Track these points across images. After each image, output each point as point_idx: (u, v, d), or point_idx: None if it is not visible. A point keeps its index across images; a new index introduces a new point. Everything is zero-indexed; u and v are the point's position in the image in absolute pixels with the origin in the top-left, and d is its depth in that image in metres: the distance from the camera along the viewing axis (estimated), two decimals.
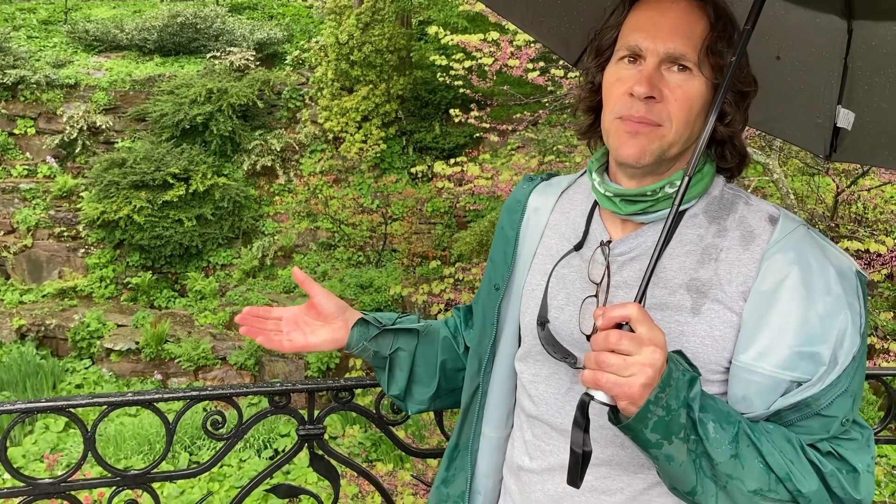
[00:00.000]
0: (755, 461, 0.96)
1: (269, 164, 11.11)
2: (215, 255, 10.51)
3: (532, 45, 5.58)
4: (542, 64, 5.66)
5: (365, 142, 11.24)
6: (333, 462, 1.66)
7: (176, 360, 8.62)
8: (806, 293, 1.01)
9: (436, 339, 1.43)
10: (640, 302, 0.97)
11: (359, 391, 4.35)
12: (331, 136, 11.47)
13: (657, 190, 1.09)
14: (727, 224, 1.09)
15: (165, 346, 8.76)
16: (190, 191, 10.01)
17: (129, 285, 10.04)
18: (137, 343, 8.79)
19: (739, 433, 0.97)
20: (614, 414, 0.95)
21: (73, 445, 6.88)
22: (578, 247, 1.18)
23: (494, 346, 1.29)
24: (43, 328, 9.04)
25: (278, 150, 11.17)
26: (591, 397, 0.94)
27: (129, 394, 1.45)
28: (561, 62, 5.72)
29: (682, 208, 1.09)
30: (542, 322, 1.18)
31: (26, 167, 10.82)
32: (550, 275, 1.20)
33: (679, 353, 0.98)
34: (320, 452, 1.61)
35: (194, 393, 1.49)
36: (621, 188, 1.12)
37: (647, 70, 1.05)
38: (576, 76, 5.74)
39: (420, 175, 10.38)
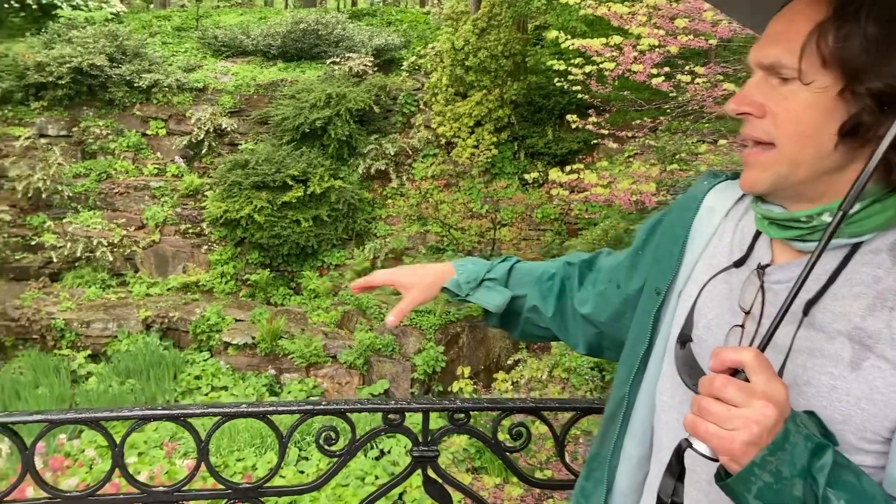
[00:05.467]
0: None
1: (383, 168, 11.27)
2: (329, 255, 10.75)
3: (656, 49, 5.36)
4: (666, 69, 5.41)
5: (477, 147, 11.22)
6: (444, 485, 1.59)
7: (289, 357, 8.85)
8: None
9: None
10: (763, 347, 0.83)
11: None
12: (443, 140, 11.51)
13: (812, 216, 0.93)
14: None
15: (280, 342, 9.00)
16: (308, 192, 10.29)
17: (248, 282, 10.42)
18: (253, 338, 9.08)
19: None
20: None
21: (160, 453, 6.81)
22: (738, 264, 1.04)
23: (647, 356, 1.16)
24: (167, 320, 9.48)
25: (392, 154, 11.32)
26: (690, 444, 0.83)
27: (244, 405, 1.43)
28: (687, 67, 5.47)
29: (858, 240, 0.92)
30: (684, 340, 1.05)
31: (157, 166, 11.43)
32: (703, 288, 1.07)
33: (811, 413, 0.85)
34: (434, 476, 1.54)
35: (308, 407, 1.45)
36: (774, 210, 0.98)
37: (747, 85, 0.95)
38: (702, 82, 5.46)
39: (532, 181, 10.25)
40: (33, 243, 10.32)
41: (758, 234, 1.04)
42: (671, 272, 1.14)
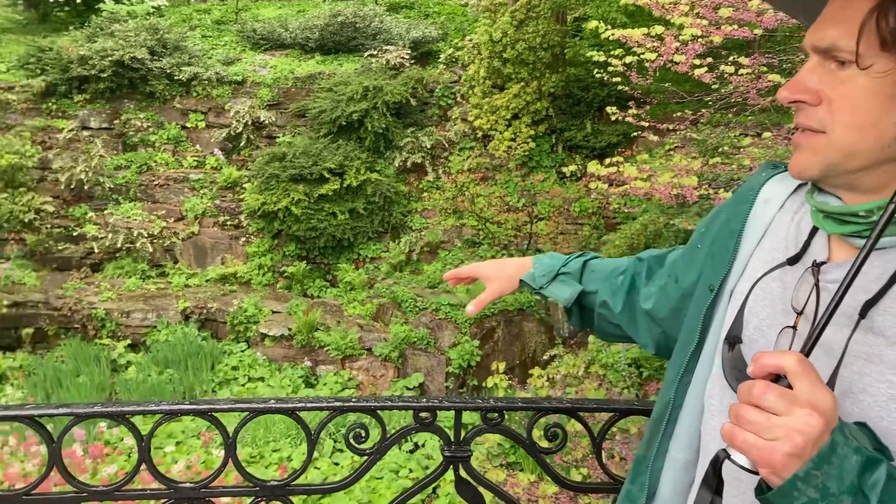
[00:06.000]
0: None
1: (419, 161, 11.24)
2: (365, 248, 10.77)
3: (699, 39, 5.22)
4: (709, 60, 5.27)
5: (514, 140, 11.11)
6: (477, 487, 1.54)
7: (325, 348, 8.88)
8: None
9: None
10: (808, 351, 0.77)
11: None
12: (480, 133, 11.43)
13: (872, 211, 0.86)
14: None
15: (316, 333, 9.04)
16: (344, 185, 10.31)
17: (285, 274, 10.49)
18: (290, 329, 9.14)
19: None
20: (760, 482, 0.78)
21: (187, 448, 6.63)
22: (793, 261, 0.97)
23: (695, 356, 1.10)
24: (205, 311, 9.59)
25: (428, 147, 11.28)
26: (728, 455, 0.78)
27: (272, 400, 1.39)
28: (731, 57, 5.32)
29: None
30: (732, 342, 0.99)
31: (196, 159, 11.56)
32: (754, 286, 1.01)
33: (862, 425, 0.78)
34: (466, 477, 1.49)
35: (338, 404, 1.41)
36: (830, 202, 0.91)
37: (801, 71, 0.88)
38: (746, 73, 5.31)
39: (570, 174, 10.11)
40: (75, 234, 10.52)
41: (815, 230, 0.97)
42: (724, 268, 1.08)
